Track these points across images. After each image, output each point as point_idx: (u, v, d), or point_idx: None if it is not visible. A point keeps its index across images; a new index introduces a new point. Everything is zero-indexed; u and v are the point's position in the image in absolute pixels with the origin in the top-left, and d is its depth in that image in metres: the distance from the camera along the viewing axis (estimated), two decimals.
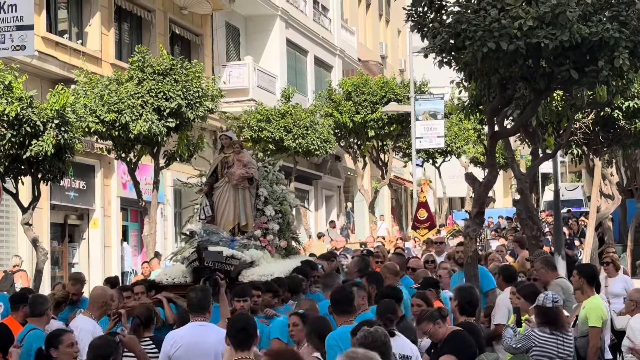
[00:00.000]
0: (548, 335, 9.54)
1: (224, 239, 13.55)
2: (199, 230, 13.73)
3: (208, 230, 13.66)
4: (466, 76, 13.76)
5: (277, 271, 13.05)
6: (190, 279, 13.05)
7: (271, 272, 12.99)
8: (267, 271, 12.98)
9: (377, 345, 7.11)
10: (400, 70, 54.12)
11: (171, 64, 22.64)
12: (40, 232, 22.64)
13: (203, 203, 14.18)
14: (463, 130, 44.35)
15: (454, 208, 60.91)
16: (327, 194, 45.67)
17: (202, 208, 14.17)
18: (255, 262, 13.46)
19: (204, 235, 13.54)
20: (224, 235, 13.66)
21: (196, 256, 12.87)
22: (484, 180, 14.02)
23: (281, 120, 32.36)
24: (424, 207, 29.79)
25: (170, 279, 13.38)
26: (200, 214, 14.18)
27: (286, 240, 14.75)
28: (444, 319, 9.35)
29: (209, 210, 14.06)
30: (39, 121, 17.70)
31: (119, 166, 27.56)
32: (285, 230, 14.82)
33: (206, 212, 14.06)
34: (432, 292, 11.14)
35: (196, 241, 13.43)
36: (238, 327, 7.75)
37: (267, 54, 38.27)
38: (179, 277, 13.36)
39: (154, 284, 13.06)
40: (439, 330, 9.16)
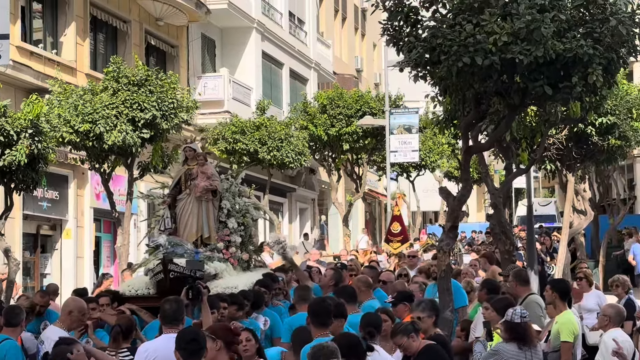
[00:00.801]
0: (516, 350, 9.56)
1: (189, 251, 13.61)
2: (163, 242, 13.73)
3: (173, 242, 13.69)
4: (441, 90, 13.80)
5: (240, 284, 13.07)
6: (153, 291, 13.05)
7: (235, 284, 13.03)
8: (231, 283, 13.05)
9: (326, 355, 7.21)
10: (375, 84, 54.27)
11: (146, 75, 22.61)
12: (13, 242, 22.51)
13: (164, 214, 14.20)
14: (437, 145, 44.44)
15: (427, 222, 61.01)
16: (302, 207, 45.66)
17: (163, 219, 14.20)
18: (219, 275, 13.52)
19: (168, 247, 13.55)
20: (189, 247, 13.71)
21: (161, 268, 12.85)
22: (458, 194, 14.06)
23: (256, 133, 32.37)
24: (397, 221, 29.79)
25: (134, 290, 13.37)
26: (161, 226, 14.19)
27: (248, 252, 14.77)
28: (417, 332, 9.37)
29: (169, 222, 14.09)
30: (12, 131, 17.60)
31: (93, 177, 27.47)
32: (247, 243, 14.86)
33: (166, 224, 14.09)
34: (405, 305, 11.12)
35: (161, 253, 13.43)
36: (188, 339, 7.73)
37: (243, 66, 38.27)
38: (142, 288, 13.36)
39: (117, 295, 13.02)
40: (413, 344, 9.17)
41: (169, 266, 12.72)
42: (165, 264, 12.72)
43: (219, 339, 7.91)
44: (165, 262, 12.74)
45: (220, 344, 7.89)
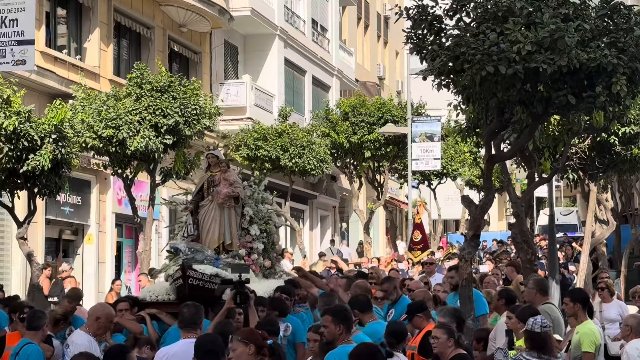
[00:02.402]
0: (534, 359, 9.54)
1: (209, 257, 13.56)
2: (183, 248, 13.73)
3: (192, 249, 13.67)
4: (464, 99, 13.77)
5: (261, 290, 13.05)
6: (173, 297, 13.05)
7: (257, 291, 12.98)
8: None
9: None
10: (397, 91, 54.26)
11: (169, 81, 22.68)
12: (35, 247, 22.62)
13: (187, 221, 14.20)
14: (459, 153, 44.40)
15: (448, 230, 60.91)
16: (322, 214, 45.66)
17: (186, 226, 14.19)
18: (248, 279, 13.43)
19: (188, 253, 13.55)
20: (209, 253, 13.67)
21: (180, 274, 12.85)
22: (480, 202, 14.03)
23: (278, 139, 32.41)
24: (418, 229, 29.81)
25: (154, 296, 13.36)
26: (184, 232, 14.19)
27: (270, 259, 14.74)
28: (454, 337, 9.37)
29: (192, 229, 14.09)
30: (36, 136, 17.73)
31: (115, 182, 27.57)
32: (270, 250, 14.83)
33: (189, 231, 14.09)
34: (420, 317, 11.07)
35: (181, 259, 13.43)
36: (206, 350, 7.86)
37: (265, 73, 38.34)
38: (162, 294, 13.35)
39: (137, 301, 13.02)
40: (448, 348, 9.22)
41: (189, 272, 12.72)
42: (184, 269, 12.72)
43: (251, 343, 7.92)
44: (184, 268, 12.74)
45: (253, 349, 7.91)
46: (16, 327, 12.07)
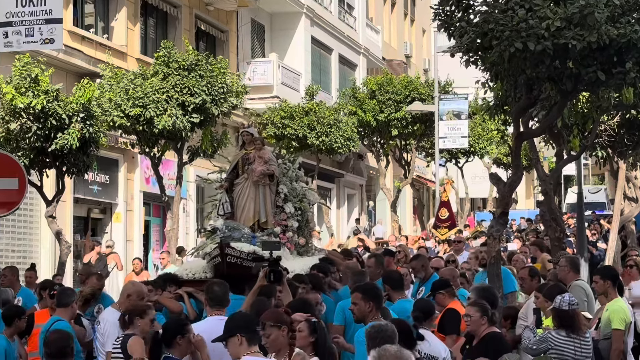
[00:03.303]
0: (564, 337, 9.50)
1: (246, 235, 13.53)
2: (220, 226, 13.72)
3: (230, 226, 13.64)
4: (492, 76, 13.70)
5: (297, 268, 13.03)
6: (211, 275, 13.05)
7: (291, 269, 12.96)
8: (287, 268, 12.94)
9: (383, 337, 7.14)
10: (424, 69, 54.04)
11: (196, 60, 22.68)
12: (64, 225, 22.74)
13: (222, 199, 14.15)
14: (486, 131, 44.22)
15: (476, 209, 60.77)
16: (349, 193, 45.64)
17: (221, 204, 14.15)
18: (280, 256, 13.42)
19: (225, 231, 13.53)
20: (246, 231, 13.63)
21: (218, 252, 12.85)
22: (509, 180, 13.98)
23: (305, 118, 32.37)
24: (445, 207, 29.75)
25: (191, 274, 13.37)
26: (219, 210, 14.16)
27: (305, 237, 14.72)
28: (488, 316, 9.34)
29: (228, 207, 14.04)
30: (64, 114, 17.80)
31: (143, 161, 27.64)
32: (304, 228, 14.80)
33: (225, 209, 14.04)
34: (443, 294, 11.04)
35: (218, 237, 13.42)
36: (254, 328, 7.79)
37: (292, 51, 38.28)
38: (199, 272, 13.36)
39: (176, 279, 13.03)
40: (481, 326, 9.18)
41: (226, 250, 12.72)
42: (222, 247, 12.72)
43: (284, 325, 7.88)
44: (222, 246, 12.74)
45: (286, 330, 7.88)
46: (46, 305, 12.18)
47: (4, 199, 12.30)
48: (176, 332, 8.49)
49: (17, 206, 12.56)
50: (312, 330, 8.11)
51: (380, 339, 7.19)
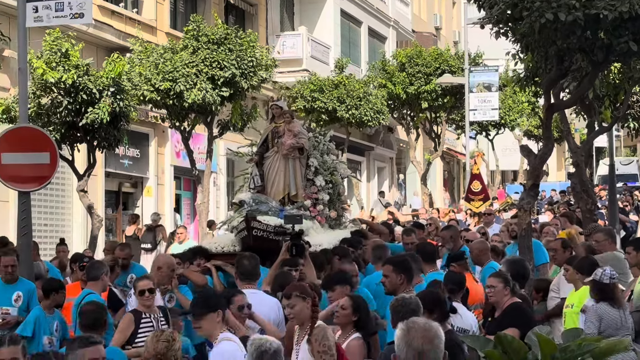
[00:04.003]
0: (611, 309, 9.45)
1: (273, 208, 13.53)
2: (248, 200, 13.73)
3: (257, 200, 13.64)
4: (522, 47, 13.63)
5: (327, 241, 13.03)
6: (239, 248, 13.08)
7: (320, 242, 12.96)
8: (315, 241, 12.94)
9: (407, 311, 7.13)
10: (454, 41, 53.76)
11: (226, 33, 22.67)
12: (95, 199, 22.86)
13: (253, 172, 14.15)
14: (517, 103, 44.00)
15: (506, 181, 60.58)
16: (379, 166, 45.60)
17: (252, 177, 14.15)
18: (305, 232, 13.44)
19: (252, 205, 13.54)
20: (273, 204, 13.63)
21: (245, 225, 12.87)
22: (540, 152, 13.93)
23: (334, 91, 32.32)
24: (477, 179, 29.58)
25: (220, 247, 13.40)
26: (250, 184, 14.16)
27: (336, 210, 14.70)
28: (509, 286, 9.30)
29: (258, 180, 14.03)
30: (95, 89, 17.86)
31: (173, 135, 27.72)
32: (336, 201, 14.77)
33: (255, 182, 14.04)
34: (454, 266, 11.03)
35: (245, 210, 13.44)
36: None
37: (321, 24, 38.17)
38: (227, 245, 13.38)
39: (205, 251, 13.06)
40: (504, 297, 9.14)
41: (252, 223, 12.73)
42: (248, 221, 12.74)
43: (309, 297, 7.92)
44: (248, 219, 12.75)
45: (310, 302, 7.91)
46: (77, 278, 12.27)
47: (35, 173, 12.33)
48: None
49: (49, 180, 12.57)
50: (355, 308, 8.14)
51: (404, 312, 7.17)
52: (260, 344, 6.15)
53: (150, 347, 6.94)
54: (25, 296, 11.24)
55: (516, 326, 8.51)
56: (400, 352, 4.94)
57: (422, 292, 8.17)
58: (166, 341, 6.94)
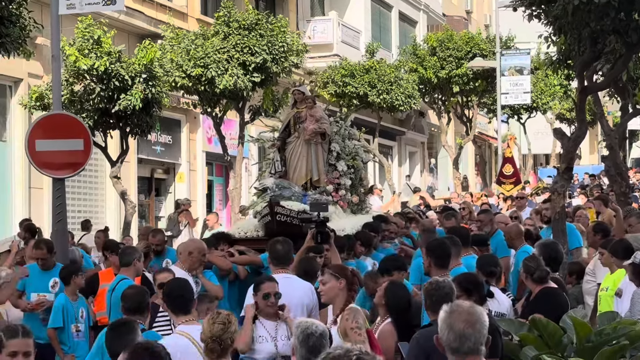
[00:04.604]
0: None
1: (296, 193, 13.55)
2: (271, 185, 13.76)
3: (280, 185, 13.67)
4: (555, 30, 13.54)
5: (349, 226, 13.04)
6: (262, 233, 13.10)
7: (343, 227, 12.97)
8: (338, 226, 12.94)
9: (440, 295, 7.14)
10: (485, 25, 53.48)
11: (256, 19, 22.67)
12: (128, 186, 22.98)
13: (275, 158, 14.19)
14: (549, 86, 43.73)
15: (538, 165, 60.30)
16: (411, 150, 45.52)
17: (273, 163, 14.19)
18: (328, 217, 13.46)
19: (276, 190, 13.57)
20: (297, 189, 13.66)
21: (268, 211, 12.89)
22: (573, 135, 13.86)
23: (365, 76, 32.26)
24: (509, 163, 29.52)
25: (243, 232, 13.43)
26: (272, 169, 14.20)
27: (358, 195, 14.71)
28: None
29: (279, 166, 14.07)
30: (127, 75, 17.93)
31: (205, 121, 27.78)
32: (357, 186, 14.78)
33: (277, 167, 14.07)
34: (475, 249, 11.01)
35: (268, 196, 13.47)
36: (175, 295, 7.89)
37: (352, 9, 38.10)
38: (251, 231, 13.42)
39: (228, 237, 13.09)
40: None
41: (276, 209, 12.75)
42: (272, 206, 12.75)
43: (343, 278, 7.96)
44: (272, 205, 12.77)
45: (343, 283, 7.94)
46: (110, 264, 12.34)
47: (69, 160, 12.42)
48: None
49: (83, 167, 12.67)
50: (386, 293, 8.19)
51: (437, 295, 7.17)
52: (307, 326, 6.18)
53: (207, 330, 6.99)
54: (62, 282, 11.34)
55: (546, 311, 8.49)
56: (442, 334, 4.98)
57: (460, 275, 8.16)
58: (222, 323, 6.98)
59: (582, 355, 7.63)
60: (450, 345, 4.95)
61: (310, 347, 6.04)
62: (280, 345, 8.27)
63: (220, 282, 11.08)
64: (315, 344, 6.07)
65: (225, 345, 6.91)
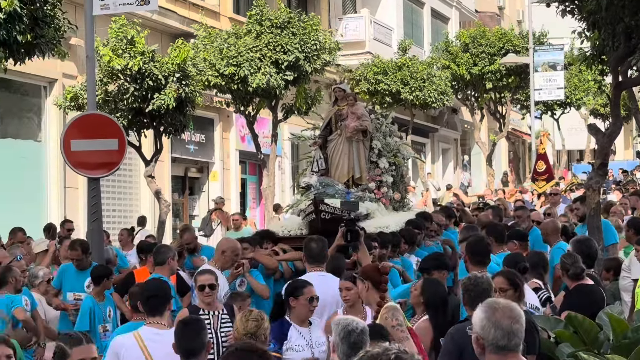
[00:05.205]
0: None
1: (340, 191, 13.54)
2: (314, 183, 13.75)
3: (324, 183, 13.67)
4: (589, 25, 13.46)
5: (392, 223, 13.00)
6: (306, 231, 13.09)
7: (387, 224, 12.94)
8: (382, 223, 12.90)
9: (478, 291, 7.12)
10: (518, 21, 53.25)
11: (289, 17, 22.70)
12: (162, 185, 23.07)
13: (316, 156, 14.16)
14: (583, 82, 43.53)
15: (572, 161, 60.00)
16: (444, 147, 45.42)
17: (315, 161, 14.16)
18: (370, 215, 13.43)
19: (319, 188, 13.56)
20: (340, 187, 13.65)
21: (312, 208, 12.89)
22: (608, 131, 13.77)
23: (398, 73, 32.23)
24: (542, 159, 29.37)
25: (287, 230, 13.43)
26: (314, 167, 14.18)
27: (400, 192, 14.68)
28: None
29: (322, 163, 14.05)
30: (160, 75, 17.98)
31: (238, 119, 27.85)
32: (399, 183, 14.75)
33: (319, 165, 14.06)
34: (515, 244, 10.98)
35: (312, 194, 13.46)
36: (147, 295, 7.80)
37: (384, 6, 38.06)
38: (295, 229, 13.41)
39: (272, 235, 13.10)
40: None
41: (320, 206, 12.74)
42: (316, 204, 12.74)
43: (367, 280, 7.97)
44: (316, 203, 12.75)
45: (368, 285, 7.95)
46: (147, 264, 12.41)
47: (104, 159, 12.48)
48: (288, 295, 8.35)
49: (117, 166, 12.73)
50: (422, 291, 8.18)
51: (475, 291, 7.17)
52: (347, 323, 6.20)
53: (240, 327, 7.01)
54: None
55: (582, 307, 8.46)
56: (485, 333, 4.90)
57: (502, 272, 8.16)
58: (255, 320, 7.01)
59: (619, 352, 7.59)
60: (498, 343, 4.88)
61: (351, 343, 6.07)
62: (316, 352, 8.22)
63: (266, 281, 11.11)
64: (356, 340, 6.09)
65: (260, 342, 6.94)
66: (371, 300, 7.98)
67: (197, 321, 6.97)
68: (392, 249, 11.50)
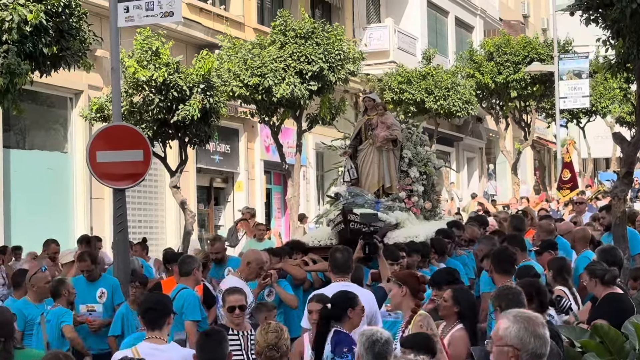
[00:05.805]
0: None
1: (369, 200, 13.54)
2: (343, 193, 13.76)
3: (353, 193, 13.67)
4: (613, 33, 13.42)
5: (422, 233, 12.99)
6: (335, 241, 13.07)
7: (417, 233, 12.93)
8: (412, 233, 12.91)
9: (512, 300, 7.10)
10: (542, 29, 53.15)
11: (313, 27, 22.72)
12: (188, 195, 23.14)
13: (347, 165, 14.17)
14: (608, 90, 43.36)
15: (598, 169, 59.74)
16: (469, 156, 45.33)
17: (346, 170, 14.18)
18: (400, 224, 13.42)
19: (348, 198, 13.57)
20: (369, 197, 13.65)
21: (341, 218, 12.89)
22: (633, 139, 13.70)
23: (422, 82, 32.21)
24: (567, 168, 29.33)
25: (316, 241, 13.44)
26: (345, 177, 14.19)
27: (431, 201, 14.66)
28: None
29: (354, 173, 14.07)
30: (185, 86, 18.03)
31: (262, 130, 27.90)
32: (430, 192, 14.74)
33: (351, 175, 14.07)
34: (550, 253, 10.97)
35: (341, 203, 13.47)
36: (145, 307, 7.77)
37: (408, 15, 38.07)
38: (324, 239, 13.41)
39: (302, 246, 13.11)
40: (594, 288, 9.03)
41: (349, 216, 12.74)
42: (345, 214, 12.75)
43: (404, 285, 7.97)
44: (345, 213, 12.76)
45: (406, 290, 7.95)
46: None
47: (130, 170, 12.53)
48: (346, 305, 8.09)
49: (143, 177, 12.77)
50: (455, 299, 8.15)
51: (508, 300, 7.15)
52: (372, 333, 6.23)
53: (261, 340, 7.04)
54: (109, 292, 11.51)
55: (611, 315, 8.42)
56: (524, 343, 4.77)
57: (522, 281, 8.15)
58: (275, 331, 7.04)
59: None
60: (537, 352, 4.78)
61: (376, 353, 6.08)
62: None
63: (295, 292, 11.13)
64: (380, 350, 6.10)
65: (282, 353, 6.96)
66: (405, 306, 7.97)
67: (218, 332, 6.99)
68: (422, 258, 11.48)
